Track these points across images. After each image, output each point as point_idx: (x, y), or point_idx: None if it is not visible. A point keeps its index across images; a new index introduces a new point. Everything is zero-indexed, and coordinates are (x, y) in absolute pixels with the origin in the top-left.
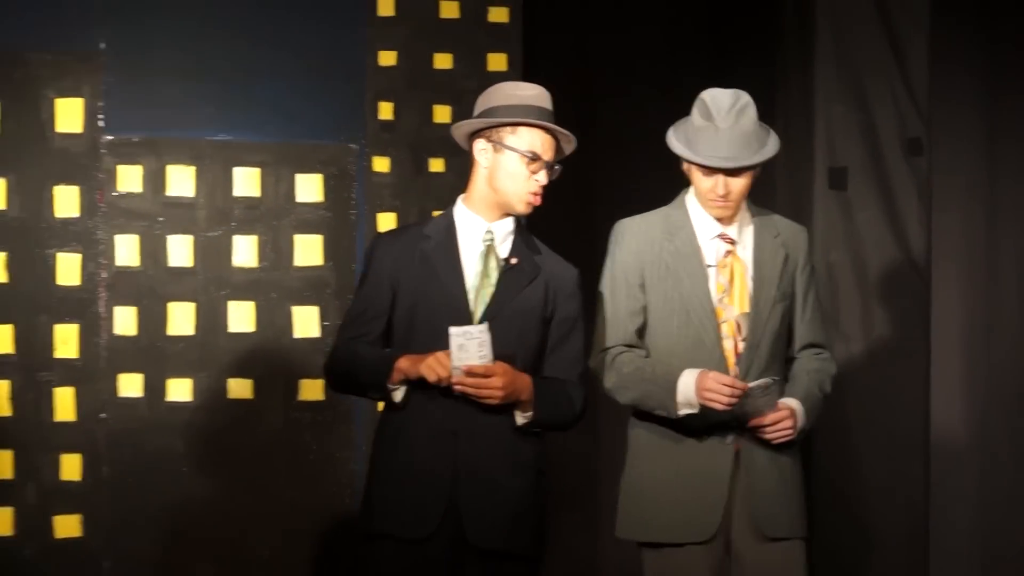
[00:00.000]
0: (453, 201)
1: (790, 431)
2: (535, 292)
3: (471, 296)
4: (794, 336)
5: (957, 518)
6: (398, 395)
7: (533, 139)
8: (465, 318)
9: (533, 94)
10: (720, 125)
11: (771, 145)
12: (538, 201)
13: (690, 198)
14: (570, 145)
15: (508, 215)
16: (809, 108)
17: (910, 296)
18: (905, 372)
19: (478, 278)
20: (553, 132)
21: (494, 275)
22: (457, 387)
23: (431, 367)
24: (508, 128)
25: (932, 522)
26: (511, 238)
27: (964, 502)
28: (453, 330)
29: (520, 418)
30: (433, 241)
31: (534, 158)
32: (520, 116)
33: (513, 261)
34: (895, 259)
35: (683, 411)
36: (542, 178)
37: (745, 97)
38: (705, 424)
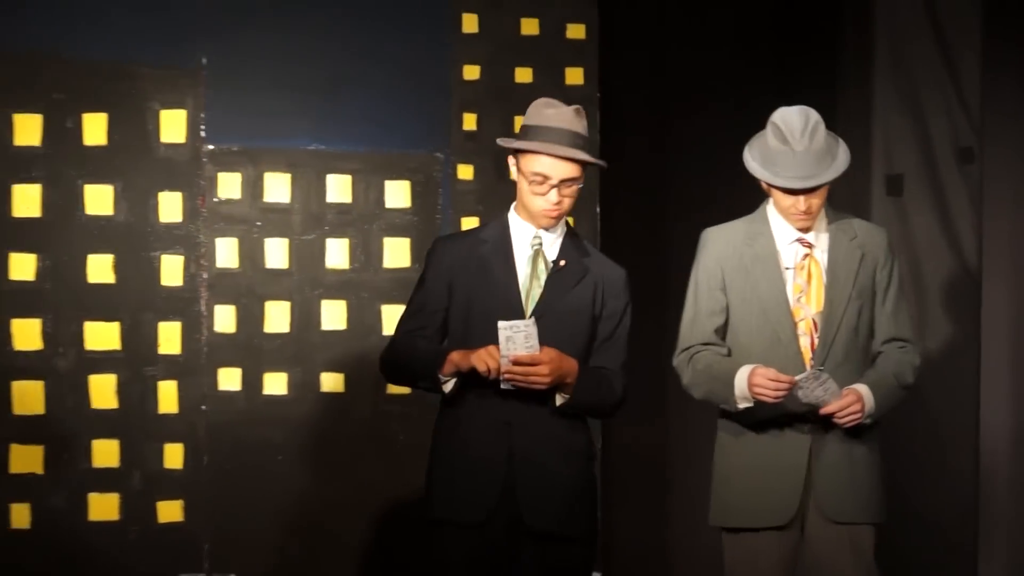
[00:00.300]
0: None
1: (858, 415)
2: (584, 291)
3: (523, 295)
4: (876, 331)
5: (1004, 501)
6: (448, 386)
7: (542, 162)
8: (518, 316)
9: (552, 112)
10: (796, 148)
11: (843, 157)
12: (555, 214)
13: (771, 208)
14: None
15: None
16: (867, 118)
17: (962, 296)
18: (957, 367)
19: (528, 279)
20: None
21: (543, 276)
22: (506, 376)
23: (482, 359)
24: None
25: (981, 504)
26: (559, 241)
27: (1011, 486)
28: (501, 324)
29: (559, 399)
30: (489, 245)
31: (541, 181)
32: (537, 138)
33: (561, 263)
34: (948, 261)
35: (741, 405)
36: (553, 197)
37: (814, 116)
38: (782, 417)
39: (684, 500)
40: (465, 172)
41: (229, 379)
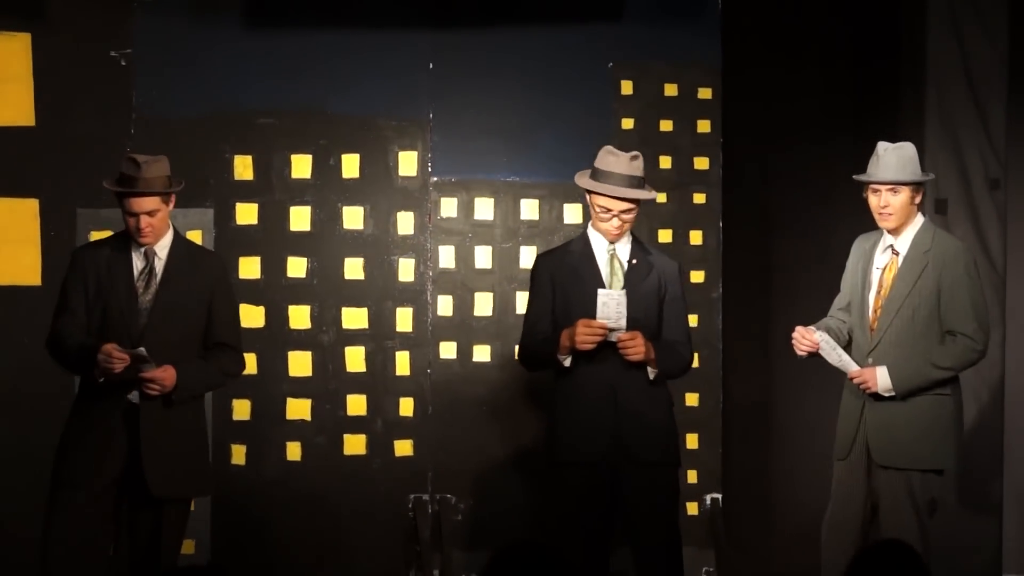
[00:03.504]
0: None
1: (870, 386)
2: (652, 281)
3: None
4: (942, 322)
5: None
6: (567, 362)
7: (604, 200)
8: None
9: (612, 160)
10: (881, 154)
11: (923, 175)
12: (617, 234)
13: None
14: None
15: None
16: (921, 157)
17: (991, 288)
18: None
19: (609, 276)
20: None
21: (619, 273)
22: (617, 340)
23: (584, 340)
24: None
25: (1005, 459)
26: (628, 246)
27: None
28: (601, 292)
29: (651, 373)
30: (575, 255)
31: (606, 211)
32: (602, 180)
33: (633, 262)
34: (980, 262)
35: (799, 353)
36: (615, 223)
37: (909, 146)
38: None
39: (784, 438)
40: None
41: (447, 350)
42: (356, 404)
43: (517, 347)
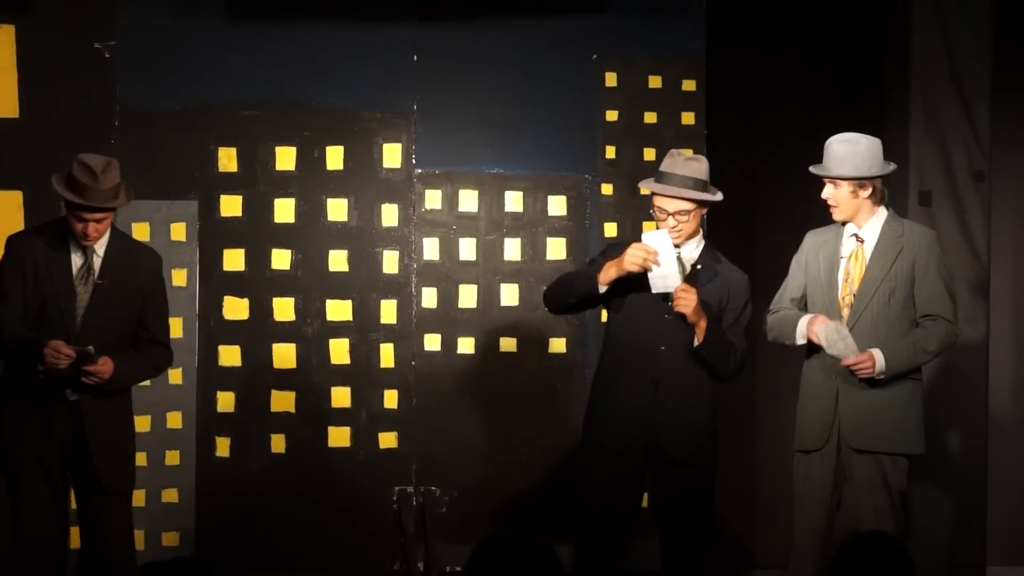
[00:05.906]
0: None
1: (869, 370)
2: (714, 289)
3: None
4: (916, 308)
5: (1009, 441)
6: (603, 289)
7: (658, 200)
8: (660, 300)
9: (668, 161)
10: (832, 147)
11: (874, 167)
12: (675, 237)
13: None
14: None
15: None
16: (905, 149)
17: (975, 279)
18: (971, 333)
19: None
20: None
21: (681, 275)
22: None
23: (632, 256)
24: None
25: (989, 450)
26: (698, 251)
27: (1016, 426)
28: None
29: (698, 336)
30: None
31: (661, 212)
32: (659, 181)
33: (698, 267)
34: (965, 254)
35: (799, 342)
36: (670, 222)
37: (861, 137)
38: (821, 367)
39: (771, 432)
40: (607, 189)
41: (432, 342)
42: (340, 396)
43: (544, 289)
